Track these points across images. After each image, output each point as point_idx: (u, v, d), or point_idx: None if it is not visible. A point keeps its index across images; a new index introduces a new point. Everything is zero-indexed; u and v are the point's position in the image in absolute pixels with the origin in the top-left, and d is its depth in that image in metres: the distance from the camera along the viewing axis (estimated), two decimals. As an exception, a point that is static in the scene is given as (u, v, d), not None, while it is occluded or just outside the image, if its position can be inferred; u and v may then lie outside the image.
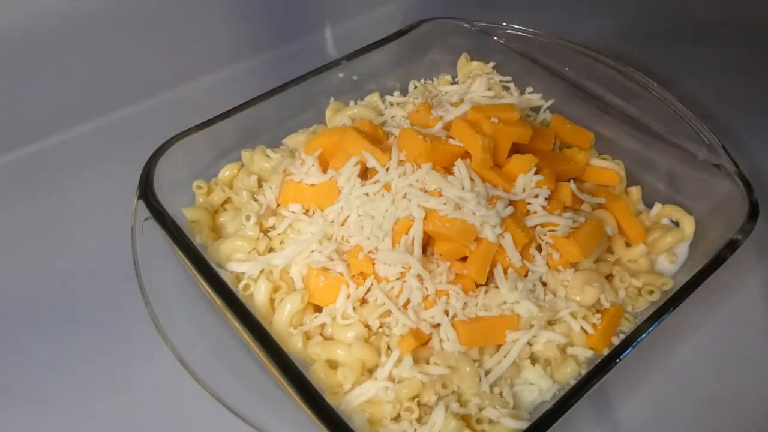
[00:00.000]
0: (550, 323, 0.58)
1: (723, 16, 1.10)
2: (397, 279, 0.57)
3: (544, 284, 0.59)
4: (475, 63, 0.86)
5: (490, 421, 0.52)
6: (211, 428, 0.58)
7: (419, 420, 0.53)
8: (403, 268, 0.56)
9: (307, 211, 0.64)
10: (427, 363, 0.54)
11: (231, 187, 0.72)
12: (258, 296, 0.59)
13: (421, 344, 0.55)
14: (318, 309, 0.60)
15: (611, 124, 0.75)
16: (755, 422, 0.59)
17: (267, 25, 1.00)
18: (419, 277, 0.56)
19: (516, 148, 0.65)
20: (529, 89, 0.84)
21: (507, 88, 0.84)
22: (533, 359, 0.57)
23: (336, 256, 0.59)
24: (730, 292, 0.68)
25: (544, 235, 0.60)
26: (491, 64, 0.86)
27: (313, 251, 0.60)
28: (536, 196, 0.61)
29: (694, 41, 1.04)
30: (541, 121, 0.81)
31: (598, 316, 0.58)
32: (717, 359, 0.64)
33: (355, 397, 0.53)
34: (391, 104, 0.82)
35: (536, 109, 0.82)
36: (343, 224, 0.61)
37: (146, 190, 0.61)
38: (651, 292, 0.62)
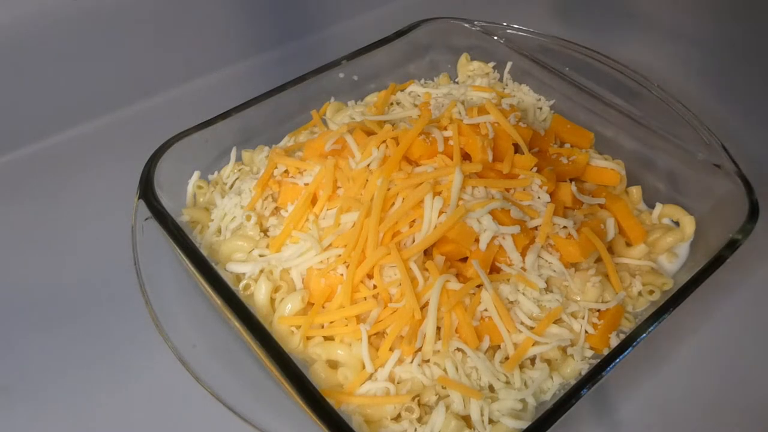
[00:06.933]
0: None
1: (723, 15, 1.10)
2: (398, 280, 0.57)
3: (545, 284, 0.59)
4: (475, 63, 0.86)
5: (491, 421, 0.52)
6: (211, 428, 0.58)
7: (419, 420, 0.53)
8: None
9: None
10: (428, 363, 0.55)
11: (231, 186, 0.72)
12: (258, 296, 0.59)
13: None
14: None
15: (611, 124, 0.75)
16: (755, 422, 0.59)
17: (267, 25, 1.00)
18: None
19: (516, 149, 0.65)
20: (529, 89, 0.84)
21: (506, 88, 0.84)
22: (533, 359, 0.57)
23: (336, 257, 0.59)
24: (730, 292, 0.69)
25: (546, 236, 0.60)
26: (491, 64, 0.86)
27: (313, 252, 0.60)
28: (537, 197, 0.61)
29: (694, 41, 1.04)
30: (542, 120, 0.81)
31: (598, 315, 0.59)
32: (717, 359, 0.64)
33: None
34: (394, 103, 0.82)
35: (536, 109, 0.82)
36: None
37: (147, 190, 0.61)
38: (651, 292, 0.62)
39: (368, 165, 0.62)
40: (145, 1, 0.87)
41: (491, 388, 0.54)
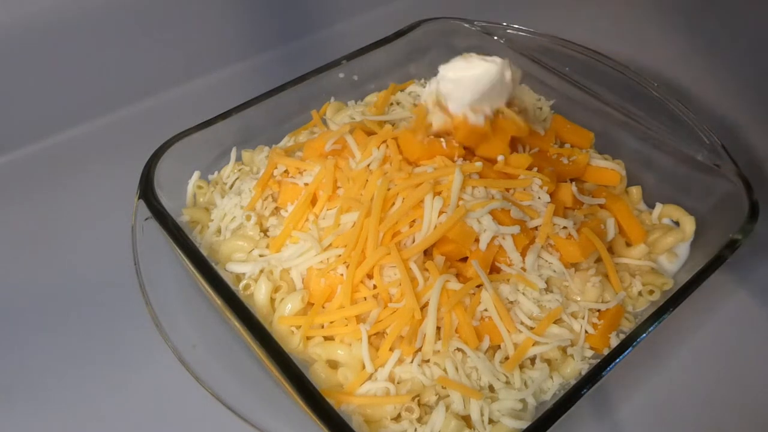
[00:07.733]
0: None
1: (723, 14, 1.10)
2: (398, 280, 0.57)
3: (545, 284, 0.59)
4: (475, 63, 0.86)
5: (491, 421, 0.52)
6: (211, 428, 0.58)
7: (419, 420, 0.53)
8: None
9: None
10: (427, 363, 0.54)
11: (231, 186, 0.72)
12: (258, 296, 0.59)
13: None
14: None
15: (611, 124, 0.75)
16: (755, 422, 0.59)
17: (267, 25, 1.00)
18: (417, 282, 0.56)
19: (516, 149, 0.65)
20: (529, 89, 0.84)
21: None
22: (533, 359, 0.57)
23: (336, 257, 0.59)
24: (730, 292, 0.69)
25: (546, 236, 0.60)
26: (491, 64, 0.86)
27: (313, 252, 0.60)
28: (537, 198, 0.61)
29: (693, 41, 1.04)
30: (542, 121, 0.81)
31: (598, 315, 0.59)
32: (717, 359, 0.64)
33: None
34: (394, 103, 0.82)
35: (536, 109, 0.82)
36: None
37: (147, 190, 0.61)
38: (651, 292, 0.62)
39: (368, 165, 0.62)
40: (145, 1, 0.87)
41: (491, 388, 0.54)
